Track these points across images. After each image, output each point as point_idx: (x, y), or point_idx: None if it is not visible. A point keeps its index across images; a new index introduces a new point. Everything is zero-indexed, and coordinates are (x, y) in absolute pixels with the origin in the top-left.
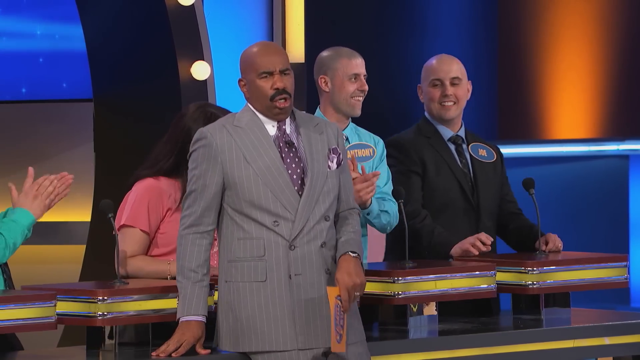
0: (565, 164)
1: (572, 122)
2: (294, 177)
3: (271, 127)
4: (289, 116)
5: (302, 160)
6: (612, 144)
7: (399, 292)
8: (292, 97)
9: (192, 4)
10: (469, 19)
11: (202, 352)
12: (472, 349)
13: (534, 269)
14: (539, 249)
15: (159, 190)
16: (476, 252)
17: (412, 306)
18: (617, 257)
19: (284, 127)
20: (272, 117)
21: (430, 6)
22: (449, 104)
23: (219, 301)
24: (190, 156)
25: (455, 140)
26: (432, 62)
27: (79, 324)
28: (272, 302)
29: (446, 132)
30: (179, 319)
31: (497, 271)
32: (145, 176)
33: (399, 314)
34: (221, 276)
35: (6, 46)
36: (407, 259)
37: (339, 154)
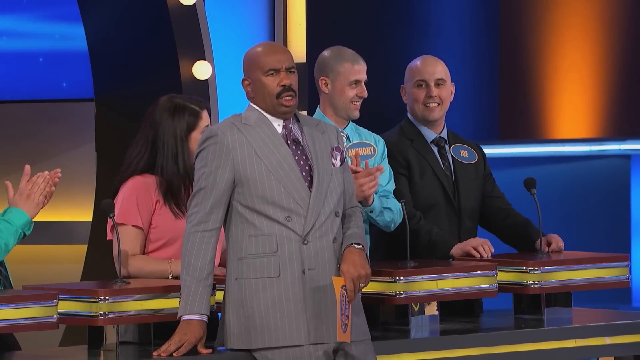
0: (566, 164)
1: (573, 122)
2: (303, 173)
3: (277, 125)
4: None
5: (308, 157)
6: (614, 144)
7: (401, 292)
8: (297, 95)
9: (194, 4)
10: (470, 19)
11: (204, 351)
12: (473, 349)
13: (536, 268)
14: (541, 249)
15: (145, 185)
16: (478, 256)
17: (413, 306)
18: (619, 256)
19: (290, 126)
20: (277, 115)
21: (431, 6)
22: (433, 105)
23: (226, 300)
24: (198, 155)
25: (438, 142)
26: (416, 62)
27: (81, 323)
28: (285, 297)
29: (429, 134)
30: (180, 317)
31: (499, 271)
32: (126, 178)
33: (400, 314)
34: (230, 274)
35: (6, 46)
36: (408, 258)
37: (342, 152)
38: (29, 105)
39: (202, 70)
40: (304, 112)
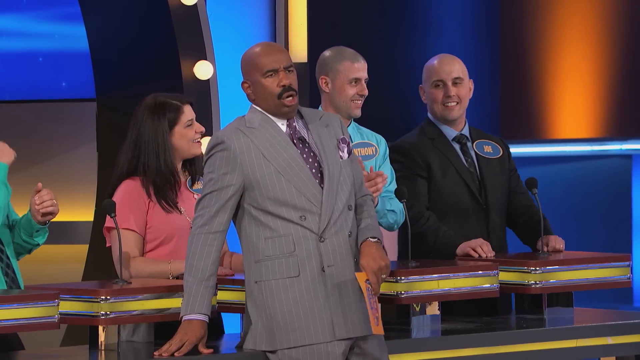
0: (568, 164)
1: (574, 121)
2: (313, 170)
3: (282, 125)
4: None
5: (316, 154)
6: (615, 144)
7: (402, 292)
8: (298, 94)
9: (195, 4)
10: (472, 19)
11: (205, 351)
12: (474, 349)
13: (537, 268)
14: (541, 249)
15: (136, 188)
16: (476, 256)
17: (414, 306)
18: (620, 256)
19: (294, 124)
20: (280, 115)
21: (432, 6)
22: (452, 104)
23: (248, 303)
24: (206, 162)
25: (459, 139)
26: (433, 62)
27: (82, 323)
28: (307, 295)
29: (450, 132)
30: (182, 317)
31: (500, 271)
32: (117, 182)
33: (402, 314)
34: (249, 278)
35: (6, 46)
36: (410, 258)
37: (348, 143)
38: (29, 105)
39: (203, 70)
40: None
